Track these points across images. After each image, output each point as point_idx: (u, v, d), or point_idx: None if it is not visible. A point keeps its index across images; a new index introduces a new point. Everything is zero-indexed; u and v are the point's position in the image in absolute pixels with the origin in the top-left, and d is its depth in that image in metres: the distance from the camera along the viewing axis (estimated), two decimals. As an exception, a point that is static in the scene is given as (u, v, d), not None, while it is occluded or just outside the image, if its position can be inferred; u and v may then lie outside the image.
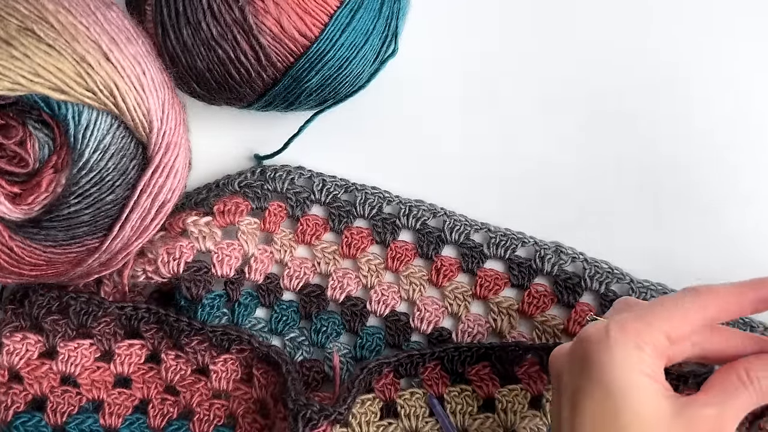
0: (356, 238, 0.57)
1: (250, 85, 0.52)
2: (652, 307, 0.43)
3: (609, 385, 0.40)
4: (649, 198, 0.58)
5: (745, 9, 0.59)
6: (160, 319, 0.54)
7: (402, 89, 0.59)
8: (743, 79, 0.58)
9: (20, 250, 0.48)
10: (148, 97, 0.48)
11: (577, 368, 0.42)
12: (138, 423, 0.54)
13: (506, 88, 0.59)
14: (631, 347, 0.41)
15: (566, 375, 0.43)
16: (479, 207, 0.58)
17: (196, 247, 0.55)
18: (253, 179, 0.58)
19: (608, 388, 0.40)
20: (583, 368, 0.42)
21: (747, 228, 0.57)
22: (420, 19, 0.58)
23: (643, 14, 0.59)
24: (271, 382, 0.53)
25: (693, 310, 0.42)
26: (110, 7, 0.49)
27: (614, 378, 0.40)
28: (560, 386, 0.44)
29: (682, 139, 0.58)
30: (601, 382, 0.40)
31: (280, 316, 0.57)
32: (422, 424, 0.52)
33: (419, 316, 0.56)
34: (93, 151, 0.47)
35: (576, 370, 0.42)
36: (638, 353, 0.41)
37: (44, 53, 0.46)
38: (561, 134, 0.59)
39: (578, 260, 0.56)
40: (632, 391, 0.40)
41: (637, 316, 0.42)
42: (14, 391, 0.52)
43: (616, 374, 0.40)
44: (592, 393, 0.41)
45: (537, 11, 0.60)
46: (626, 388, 0.40)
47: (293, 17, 0.50)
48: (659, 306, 0.43)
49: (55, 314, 0.54)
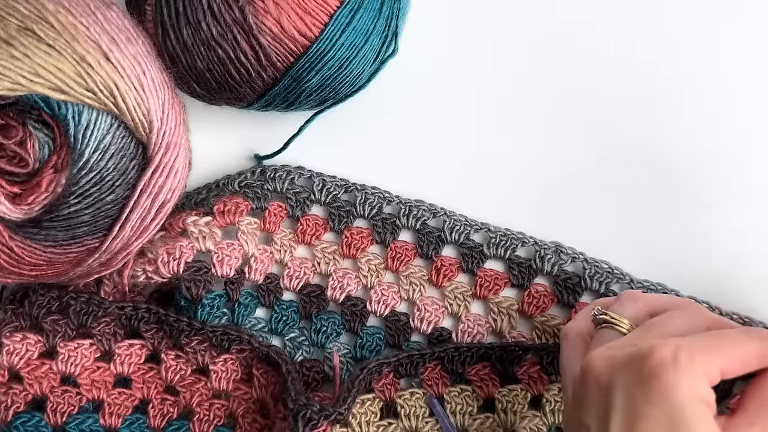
0: (356, 238, 0.57)
1: (250, 85, 0.52)
2: (718, 338, 0.41)
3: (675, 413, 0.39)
4: (649, 198, 0.58)
5: (738, 11, 0.59)
6: (160, 319, 0.54)
7: (402, 89, 0.59)
8: (738, 80, 0.59)
9: (20, 250, 0.48)
10: (148, 97, 0.48)
11: (636, 387, 0.40)
12: (138, 423, 0.54)
13: (506, 88, 0.59)
14: (695, 375, 0.40)
15: (620, 390, 0.41)
16: (479, 207, 0.58)
17: (196, 247, 0.55)
18: (253, 179, 0.58)
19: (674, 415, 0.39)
20: (647, 390, 0.39)
21: (747, 227, 0.57)
22: (420, 19, 0.58)
23: (644, 18, 0.59)
24: (271, 382, 0.53)
25: (753, 356, 0.41)
26: (110, 7, 0.49)
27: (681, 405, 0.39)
28: (608, 399, 0.41)
29: (682, 140, 0.58)
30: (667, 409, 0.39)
31: (280, 316, 0.57)
32: (422, 424, 0.52)
33: (419, 316, 0.56)
34: (93, 151, 0.47)
35: (635, 389, 0.40)
36: (701, 381, 0.40)
37: (44, 53, 0.46)
38: (561, 134, 0.59)
39: (578, 260, 0.56)
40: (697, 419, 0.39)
41: (703, 345, 0.41)
42: (14, 391, 0.52)
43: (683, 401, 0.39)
44: (656, 419, 0.39)
45: (537, 11, 0.60)
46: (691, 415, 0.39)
47: (293, 17, 0.50)
48: (726, 339, 0.41)
49: (55, 314, 0.54)
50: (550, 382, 0.53)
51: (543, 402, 0.52)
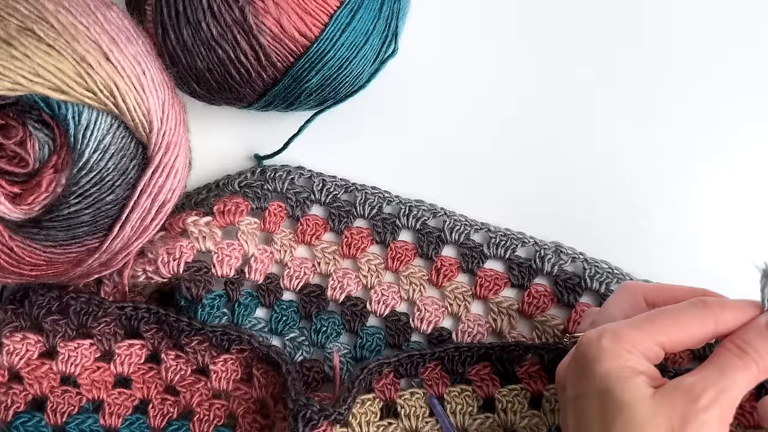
0: (356, 238, 0.57)
1: (250, 85, 0.52)
2: (652, 316, 0.42)
3: (602, 384, 0.41)
4: (649, 198, 0.58)
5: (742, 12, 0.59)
6: (160, 319, 0.54)
7: (402, 89, 0.59)
8: (737, 85, 0.59)
9: (20, 250, 0.48)
10: (148, 97, 0.48)
11: (577, 377, 0.43)
12: (138, 423, 0.53)
13: (506, 88, 0.59)
14: (621, 349, 0.41)
15: (568, 385, 0.44)
16: (479, 207, 0.58)
17: (196, 247, 0.55)
18: (253, 179, 0.58)
19: (602, 386, 0.41)
20: (581, 373, 0.42)
21: (748, 227, 0.57)
22: (420, 19, 0.58)
23: (644, 18, 0.60)
24: (271, 382, 0.53)
25: (694, 325, 0.42)
26: (110, 7, 0.49)
27: (606, 376, 0.41)
28: (564, 397, 0.44)
29: (682, 140, 0.58)
30: (595, 382, 0.41)
31: (280, 316, 0.57)
32: (422, 424, 0.52)
33: (419, 316, 0.56)
34: (93, 151, 0.47)
35: (576, 378, 0.43)
36: (629, 354, 0.41)
37: (44, 53, 0.46)
38: (561, 134, 0.59)
39: (578, 260, 0.56)
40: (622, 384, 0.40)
41: (634, 324, 0.42)
42: (14, 391, 0.52)
43: (608, 372, 0.41)
44: (589, 394, 0.41)
45: (537, 11, 0.60)
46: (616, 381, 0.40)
47: (293, 17, 0.50)
48: (660, 315, 0.42)
49: (55, 314, 0.54)
50: (550, 382, 0.52)
51: (543, 402, 0.52)
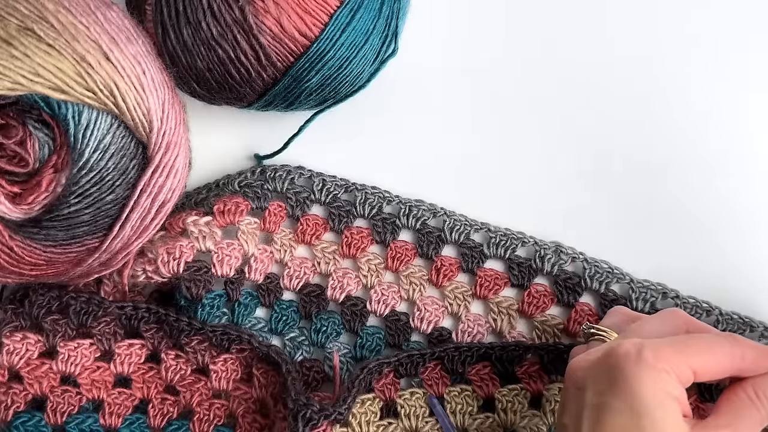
0: (356, 238, 0.57)
1: (250, 85, 0.52)
2: (690, 339, 0.43)
3: (637, 403, 0.40)
4: (649, 198, 0.58)
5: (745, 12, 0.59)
6: (160, 319, 0.54)
7: (402, 89, 0.59)
8: (740, 82, 0.59)
9: (20, 250, 0.48)
10: (148, 97, 0.48)
11: (604, 383, 0.42)
12: (138, 423, 0.54)
13: (506, 88, 0.59)
14: (661, 370, 0.41)
15: (591, 388, 0.43)
16: (479, 207, 0.58)
17: (196, 247, 0.55)
18: (253, 179, 0.58)
19: (637, 406, 0.40)
20: (612, 384, 0.41)
21: (747, 227, 0.57)
22: (420, 19, 0.58)
23: (645, 18, 0.59)
24: (271, 382, 0.53)
25: (725, 355, 0.43)
26: (110, 7, 0.49)
27: (644, 396, 0.40)
28: (582, 398, 0.43)
29: (683, 140, 0.58)
30: (630, 400, 0.40)
31: (280, 316, 0.57)
32: (422, 424, 0.52)
33: (419, 315, 0.56)
34: (93, 151, 0.47)
35: (603, 384, 0.42)
36: (667, 377, 0.41)
37: (44, 53, 0.46)
38: (561, 134, 0.59)
39: (578, 260, 0.56)
40: (659, 411, 0.40)
41: (671, 344, 0.42)
42: (14, 390, 0.52)
43: (646, 393, 0.40)
44: (620, 410, 0.41)
45: (537, 11, 0.60)
46: (654, 407, 0.40)
47: (293, 17, 0.50)
48: (694, 339, 0.43)
49: (55, 314, 0.54)
50: (550, 382, 0.53)
51: (543, 402, 0.52)
